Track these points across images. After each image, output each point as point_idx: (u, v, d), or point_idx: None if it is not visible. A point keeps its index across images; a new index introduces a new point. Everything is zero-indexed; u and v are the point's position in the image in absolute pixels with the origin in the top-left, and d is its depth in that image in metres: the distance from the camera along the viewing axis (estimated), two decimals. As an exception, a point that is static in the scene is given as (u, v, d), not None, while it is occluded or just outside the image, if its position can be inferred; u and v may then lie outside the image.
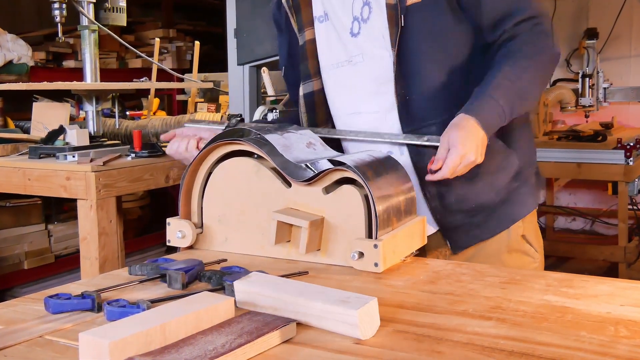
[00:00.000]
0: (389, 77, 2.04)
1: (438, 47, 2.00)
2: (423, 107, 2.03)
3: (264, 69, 3.77)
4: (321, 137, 2.04)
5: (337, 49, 2.15)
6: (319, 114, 2.24)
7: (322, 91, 2.23)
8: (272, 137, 1.88)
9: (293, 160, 1.83)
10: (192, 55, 5.27)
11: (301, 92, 2.24)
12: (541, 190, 2.21)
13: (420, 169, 2.02)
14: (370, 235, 1.74)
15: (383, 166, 1.82)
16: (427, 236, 1.94)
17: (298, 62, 2.24)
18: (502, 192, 2.08)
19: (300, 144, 1.93)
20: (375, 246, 1.69)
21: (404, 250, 1.80)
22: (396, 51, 1.99)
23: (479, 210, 2.08)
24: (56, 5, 3.54)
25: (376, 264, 1.69)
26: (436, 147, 1.88)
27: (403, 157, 2.06)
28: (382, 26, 2.03)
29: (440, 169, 1.83)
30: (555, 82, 5.95)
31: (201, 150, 1.94)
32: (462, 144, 1.82)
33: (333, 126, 2.23)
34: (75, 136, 3.35)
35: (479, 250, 2.09)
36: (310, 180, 1.80)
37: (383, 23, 2.02)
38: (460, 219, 2.08)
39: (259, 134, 1.90)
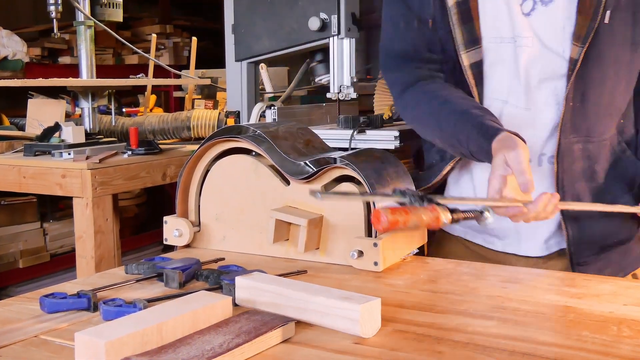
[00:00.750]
0: (559, 74, 1.84)
1: (629, 58, 1.84)
2: (592, 121, 1.85)
3: (262, 65, 3.76)
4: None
5: (502, 21, 1.87)
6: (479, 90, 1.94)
7: (482, 64, 1.93)
8: (270, 135, 1.88)
9: (292, 157, 1.83)
10: (190, 51, 5.27)
11: (467, 61, 1.90)
12: None
13: (563, 179, 1.87)
14: (369, 234, 1.74)
15: (382, 163, 1.82)
16: (546, 255, 1.96)
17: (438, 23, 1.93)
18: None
19: (299, 142, 1.93)
20: (375, 245, 1.69)
21: (404, 249, 1.80)
22: (585, 49, 1.79)
23: (611, 252, 1.94)
24: (51, 1, 3.53)
25: (375, 263, 1.69)
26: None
27: (542, 168, 1.90)
28: (566, 16, 1.81)
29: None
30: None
31: (199, 147, 1.93)
32: None
33: None
34: (71, 133, 3.35)
35: None
36: (309, 178, 1.80)
37: (569, 13, 1.81)
38: (595, 254, 1.93)
39: (257, 131, 1.90)
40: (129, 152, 3.39)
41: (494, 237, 2.00)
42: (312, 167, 1.81)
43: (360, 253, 1.70)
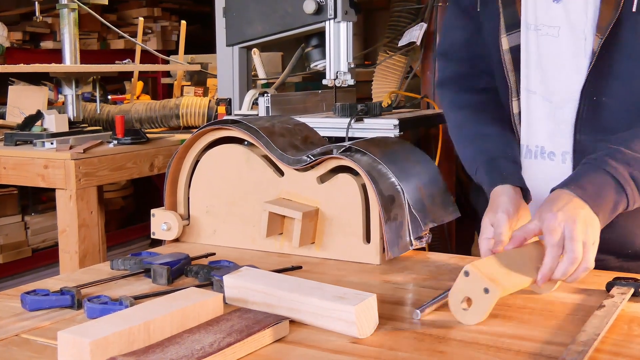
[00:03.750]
0: (579, 67, 1.81)
1: None
2: (610, 118, 1.81)
3: (255, 50, 3.76)
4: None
5: (539, 7, 1.87)
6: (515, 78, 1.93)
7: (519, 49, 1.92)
8: (266, 131, 1.88)
9: (289, 154, 1.83)
10: (178, 35, 5.27)
11: (506, 45, 1.90)
12: None
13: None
14: (367, 230, 1.74)
15: (382, 152, 1.81)
16: None
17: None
18: None
19: (296, 138, 1.93)
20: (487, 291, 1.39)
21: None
22: (603, 40, 1.75)
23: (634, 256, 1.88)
24: (33, -18, 3.53)
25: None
26: None
27: (565, 166, 1.87)
28: (590, 3, 1.78)
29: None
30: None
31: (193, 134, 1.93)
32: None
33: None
34: (53, 122, 3.35)
35: None
36: (303, 166, 1.80)
37: (596, 2, 1.77)
38: (611, 262, 1.86)
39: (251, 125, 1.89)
40: (115, 142, 3.39)
41: None
42: (307, 157, 1.81)
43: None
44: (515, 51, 1.90)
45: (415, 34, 3.78)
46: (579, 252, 1.48)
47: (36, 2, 3.62)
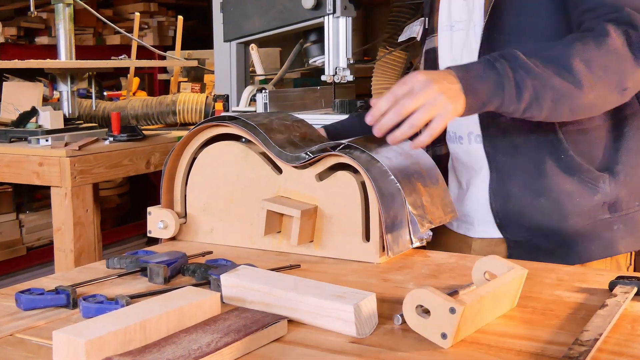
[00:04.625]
0: (475, 48, 1.96)
1: (527, 24, 1.89)
2: None
3: (253, 45, 3.76)
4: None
5: (453, 8, 2.09)
6: None
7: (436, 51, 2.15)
8: (264, 127, 1.88)
9: (288, 151, 1.83)
10: (175, 31, 5.27)
11: (425, 47, 2.22)
12: None
13: (494, 162, 1.98)
14: (367, 228, 1.74)
15: (382, 150, 1.81)
16: (486, 240, 1.99)
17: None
18: (582, 221, 1.91)
19: (295, 135, 1.92)
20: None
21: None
22: (485, 21, 1.91)
23: (544, 234, 1.93)
24: (27, -23, 3.53)
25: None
26: None
27: (475, 146, 2.02)
28: None
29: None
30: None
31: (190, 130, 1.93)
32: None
33: None
34: (48, 118, 3.35)
35: None
36: (302, 163, 1.80)
37: None
38: (523, 235, 1.97)
39: (249, 121, 1.89)
40: (111, 139, 3.39)
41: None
42: (305, 154, 1.81)
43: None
44: (432, 52, 2.14)
45: (415, 29, 3.77)
46: (409, 106, 1.60)
47: (31, -3, 3.62)
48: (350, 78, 2.85)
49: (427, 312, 1.26)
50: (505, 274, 1.39)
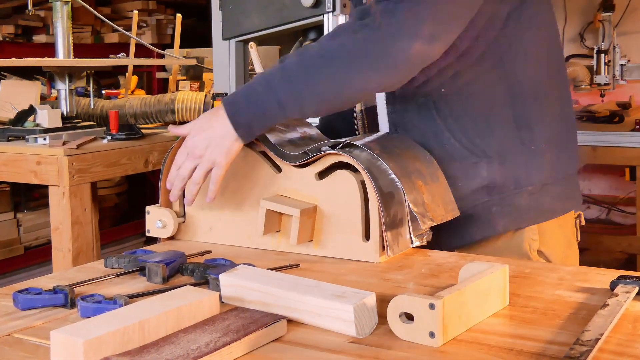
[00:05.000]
0: None
1: None
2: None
3: (252, 44, 3.75)
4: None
5: None
6: None
7: None
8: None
9: (287, 150, 1.83)
10: (174, 29, 5.26)
11: None
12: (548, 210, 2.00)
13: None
14: (366, 226, 1.74)
15: (382, 148, 1.81)
16: None
17: None
18: (464, 205, 1.93)
19: (294, 134, 1.92)
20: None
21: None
22: None
23: None
24: (25, -25, 3.53)
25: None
26: None
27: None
28: None
29: None
30: (568, 58, 5.93)
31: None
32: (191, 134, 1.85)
33: None
34: (46, 117, 3.34)
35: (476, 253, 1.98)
36: (302, 162, 1.79)
37: None
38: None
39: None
40: (109, 137, 3.38)
41: None
42: (305, 153, 1.81)
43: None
44: None
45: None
46: (188, 168, 1.82)
47: (28, -5, 3.61)
48: (349, 76, 2.84)
49: (411, 318, 1.27)
50: (484, 270, 1.40)
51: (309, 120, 2.02)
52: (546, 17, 2.00)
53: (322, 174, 1.80)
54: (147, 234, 1.98)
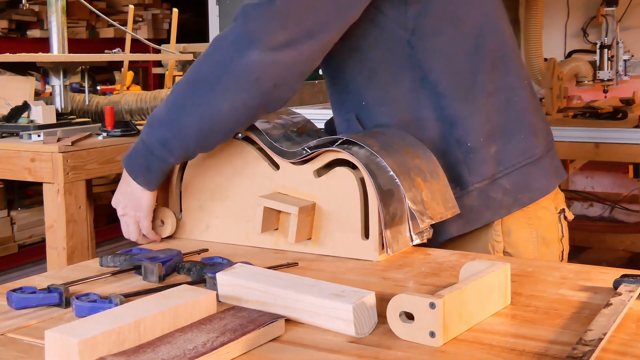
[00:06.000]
0: None
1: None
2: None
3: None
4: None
5: None
6: None
7: None
8: (261, 125, 1.87)
9: (285, 147, 1.83)
10: (170, 24, 5.26)
11: None
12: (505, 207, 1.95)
13: None
14: (366, 225, 1.74)
15: (381, 145, 1.81)
16: None
17: None
18: None
19: (291, 130, 1.92)
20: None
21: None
22: None
23: None
24: (19, -31, 3.53)
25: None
26: None
27: None
28: None
29: None
30: (570, 53, 5.94)
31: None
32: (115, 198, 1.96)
33: None
34: (40, 113, 3.34)
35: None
36: (300, 159, 1.79)
37: None
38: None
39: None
40: (104, 134, 3.38)
41: None
42: (303, 149, 1.81)
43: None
44: None
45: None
46: (123, 228, 1.96)
47: (23, -11, 3.61)
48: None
49: (411, 317, 1.27)
50: (485, 269, 1.40)
51: (307, 116, 2.02)
52: (466, 9, 1.94)
53: (320, 171, 1.79)
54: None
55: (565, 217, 2.05)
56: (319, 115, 2.62)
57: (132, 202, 1.89)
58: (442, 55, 1.90)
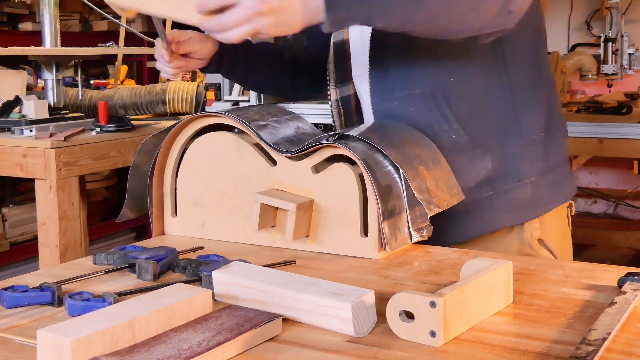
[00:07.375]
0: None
1: None
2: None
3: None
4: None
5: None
6: None
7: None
8: (256, 125, 1.87)
9: (282, 148, 1.82)
10: (165, 16, 5.25)
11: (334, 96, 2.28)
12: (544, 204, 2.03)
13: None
14: (365, 222, 1.74)
15: (380, 137, 1.80)
16: None
17: None
18: (466, 198, 1.91)
19: (288, 129, 1.92)
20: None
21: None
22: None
23: None
24: (10, -40, 3.53)
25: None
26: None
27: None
28: None
29: None
30: (574, 47, 5.94)
31: (174, 125, 1.93)
32: None
33: None
34: (32, 108, 3.35)
35: (474, 247, 1.99)
36: (297, 154, 1.79)
37: None
38: None
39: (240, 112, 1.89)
40: (98, 129, 3.38)
41: None
42: (301, 144, 1.80)
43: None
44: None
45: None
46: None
47: (14, -19, 3.61)
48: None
49: (411, 316, 1.27)
50: (487, 267, 1.40)
51: (303, 112, 2.02)
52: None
53: (318, 167, 1.79)
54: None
55: (571, 212, 2.11)
56: (315, 111, 2.61)
57: (284, 9, 1.61)
58: (521, 42, 1.95)
